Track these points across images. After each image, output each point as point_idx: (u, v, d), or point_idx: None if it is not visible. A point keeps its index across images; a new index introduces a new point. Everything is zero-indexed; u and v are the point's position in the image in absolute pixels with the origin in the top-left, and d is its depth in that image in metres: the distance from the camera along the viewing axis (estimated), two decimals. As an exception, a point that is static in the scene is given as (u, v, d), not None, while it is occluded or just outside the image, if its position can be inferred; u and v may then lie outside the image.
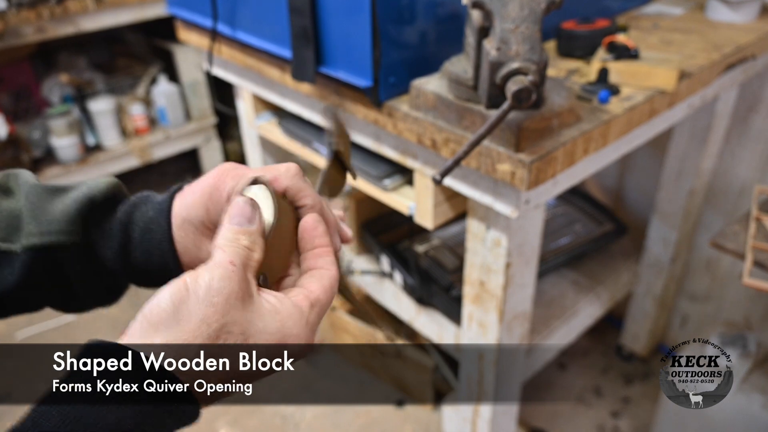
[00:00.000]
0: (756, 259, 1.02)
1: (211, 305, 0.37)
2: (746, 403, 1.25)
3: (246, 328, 0.38)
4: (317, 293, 0.42)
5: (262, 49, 1.12)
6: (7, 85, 2.37)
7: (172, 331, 0.36)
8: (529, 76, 0.70)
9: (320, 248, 0.45)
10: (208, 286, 0.37)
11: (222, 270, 0.38)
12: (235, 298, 0.37)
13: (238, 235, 0.41)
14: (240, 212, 0.42)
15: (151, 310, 0.37)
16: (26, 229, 0.47)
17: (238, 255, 0.39)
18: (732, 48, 1.10)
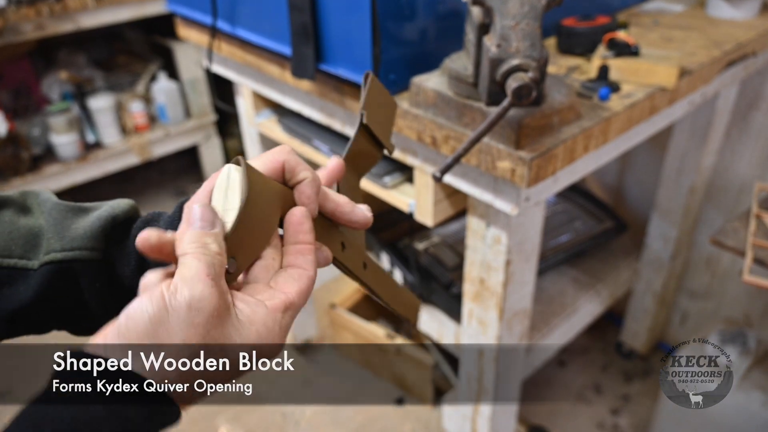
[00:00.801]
0: (756, 256, 1.02)
1: (192, 326, 0.36)
2: (746, 400, 1.25)
3: (225, 344, 0.38)
4: (292, 297, 0.42)
5: (262, 46, 1.12)
6: (6, 83, 2.36)
7: (148, 353, 0.36)
8: (530, 73, 0.70)
9: (303, 245, 0.44)
10: (188, 305, 0.36)
11: (202, 285, 0.37)
12: (215, 317, 0.37)
13: (205, 238, 0.39)
14: (201, 216, 0.40)
15: (128, 325, 0.36)
16: (47, 246, 0.47)
17: (212, 265, 0.38)
18: (732, 45, 1.09)
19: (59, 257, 0.46)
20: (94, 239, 0.48)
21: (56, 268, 0.46)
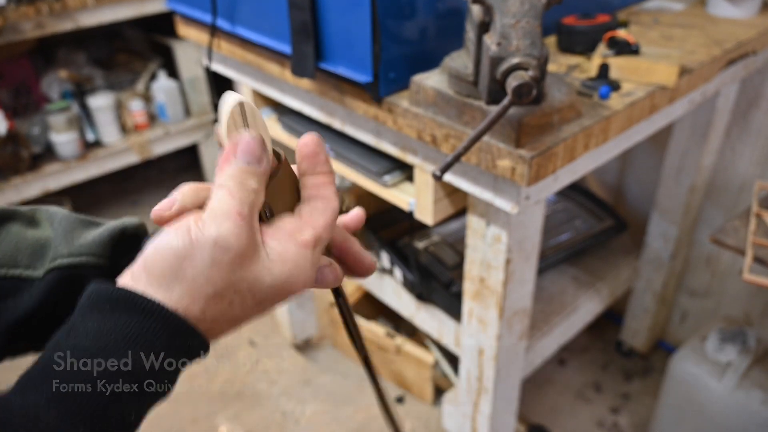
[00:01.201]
0: (756, 255, 1.02)
1: (216, 264, 0.35)
2: (746, 399, 1.25)
3: (253, 284, 0.36)
4: (320, 230, 0.40)
5: (262, 44, 1.12)
6: (6, 81, 2.36)
7: (173, 287, 0.35)
8: (530, 72, 0.70)
9: (322, 175, 0.42)
10: (214, 242, 0.35)
11: (231, 223, 0.35)
12: (241, 257, 0.35)
13: (246, 175, 0.37)
14: (248, 149, 0.38)
15: (154, 260, 0.35)
16: (54, 253, 0.45)
17: (246, 203, 0.36)
18: (733, 43, 1.09)
19: (65, 263, 0.45)
20: (101, 246, 0.47)
21: (61, 275, 0.45)
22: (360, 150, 1.14)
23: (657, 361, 1.82)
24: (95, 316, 0.34)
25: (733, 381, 1.27)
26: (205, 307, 0.35)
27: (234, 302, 0.36)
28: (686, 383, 1.35)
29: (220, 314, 0.36)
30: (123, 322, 0.33)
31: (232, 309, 0.36)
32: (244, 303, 0.37)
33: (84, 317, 0.34)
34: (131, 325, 0.33)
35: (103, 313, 0.34)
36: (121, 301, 0.34)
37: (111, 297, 0.34)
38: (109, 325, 0.33)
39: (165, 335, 0.34)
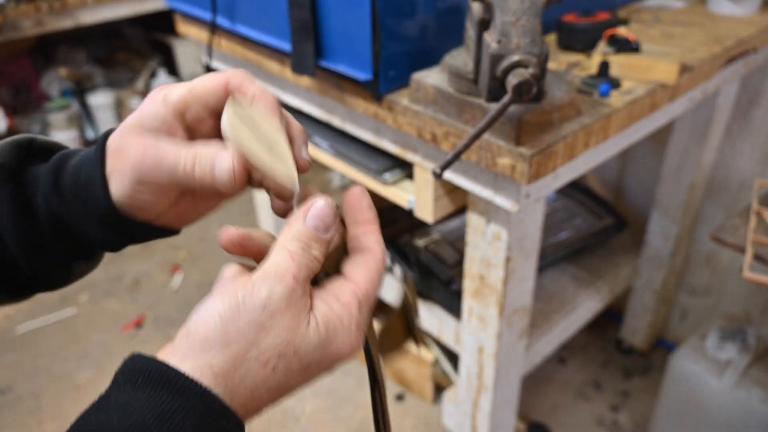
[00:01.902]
0: (756, 253, 1.02)
1: (263, 328, 0.33)
2: (745, 397, 1.25)
3: (299, 347, 0.34)
4: (365, 287, 0.38)
5: (262, 42, 1.12)
6: (6, 79, 2.36)
7: (218, 353, 0.33)
8: (530, 69, 0.70)
9: (363, 224, 0.40)
10: (264, 306, 0.33)
11: (283, 287, 0.34)
12: (290, 320, 0.34)
13: (311, 242, 0.36)
14: (321, 215, 0.37)
15: (197, 326, 0.33)
16: None
17: (305, 268, 0.35)
18: (733, 41, 1.09)
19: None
20: (1, 150, 0.44)
21: None
22: (360, 148, 1.14)
23: (657, 360, 1.82)
24: (128, 390, 0.32)
25: (733, 379, 1.27)
26: (246, 373, 0.33)
27: (278, 368, 0.34)
28: (686, 381, 1.36)
29: (263, 381, 0.34)
30: (154, 398, 0.31)
31: (275, 376, 0.34)
32: (289, 369, 0.34)
33: (117, 390, 0.32)
34: (162, 402, 0.31)
35: (135, 387, 0.32)
36: (154, 374, 0.32)
37: (144, 369, 0.32)
38: (141, 401, 0.31)
39: (196, 415, 0.31)
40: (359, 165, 1.12)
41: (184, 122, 0.42)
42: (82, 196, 0.42)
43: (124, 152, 0.41)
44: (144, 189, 0.41)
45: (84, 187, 0.42)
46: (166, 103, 0.41)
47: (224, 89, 0.41)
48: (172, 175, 0.40)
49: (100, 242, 0.45)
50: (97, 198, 0.42)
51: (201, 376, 0.32)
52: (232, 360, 0.33)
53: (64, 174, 0.43)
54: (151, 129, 0.41)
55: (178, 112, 0.42)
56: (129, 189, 0.41)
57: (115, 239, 0.45)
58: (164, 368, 0.32)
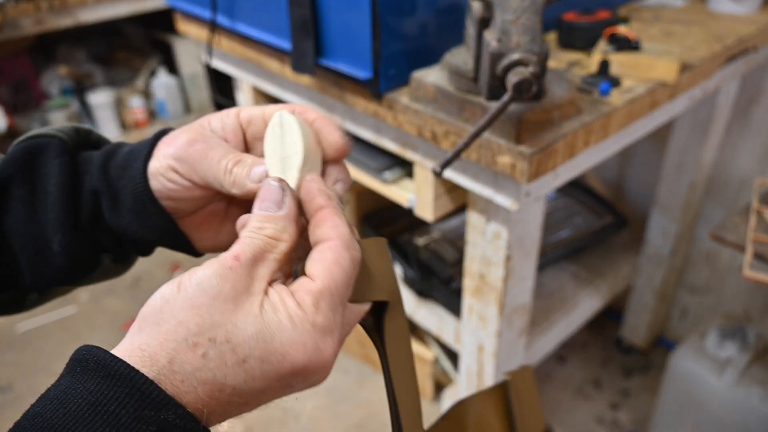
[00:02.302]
0: (756, 252, 1.02)
1: (194, 307, 0.31)
2: (745, 395, 1.25)
3: (232, 332, 0.31)
4: (321, 281, 0.34)
5: (262, 40, 1.12)
6: (6, 78, 2.36)
7: (150, 331, 0.31)
8: (530, 68, 0.70)
9: (320, 211, 0.37)
10: (198, 285, 0.31)
11: (219, 266, 0.32)
12: (225, 300, 0.31)
13: (262, 222, 0.35)
14: (267, 195, 0.36)
15: (144, 307, 0.32)
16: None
17: (251, 247, 0.33)
18: (733, 39, 1.09)
19: (22, 138, 0.45)
20: (63, 127, 0.46)
21: (22, 148, 0.44)
22: (360, 146, 1.14)
23: (656, 358, 1.82)
24: (66, 380, 0.30)
25: (733, 377, 1.27)
26: (174, 355, 0.30)
27: (209, 355, 0.30)
28: (686, 380, 1.36)
29: (193, 370, 0.30)
30: (88, 386, 0.29)
31: (206, 364, 0.30)
32: (221, 358, 0.30)
33: (59, 381, 0.31)
34: (96, 390, 0.29)
35: (73, 376, 0.30)
36: (91, 360, 0.30)
37: (83, 358, 0.30)
38: (77, 390, 0.29)
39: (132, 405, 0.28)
40: (359, 163, 1.12)
41: (245, 135, 0.44)
42: (124, 175, 0.44)
43: (178, 133, 0.43)
44: (179, 169, 0.42)
45: (129, 165, 0.44)
46: (236, 115, 0.44)
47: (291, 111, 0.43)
48: (212, 165, 0.41)
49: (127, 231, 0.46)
50: (134, 170, 0.43)
51: (130, 354, 0.30)
52: (159, 339, 0.30)
53: (115, 157, 0.45)
54: (213, 129, 0.44)
55: (243, 125, 0.44)
56: (165, 165, 0.42)
57: (139, 225, 0.45)
58: (100, 353, 0.30)
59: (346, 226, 0.36)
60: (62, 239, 0.44)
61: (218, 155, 0.41)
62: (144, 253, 0.50)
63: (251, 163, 0.40)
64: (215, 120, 0.44)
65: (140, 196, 0.43)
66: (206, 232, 0.47)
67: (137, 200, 0.44)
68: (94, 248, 0.47)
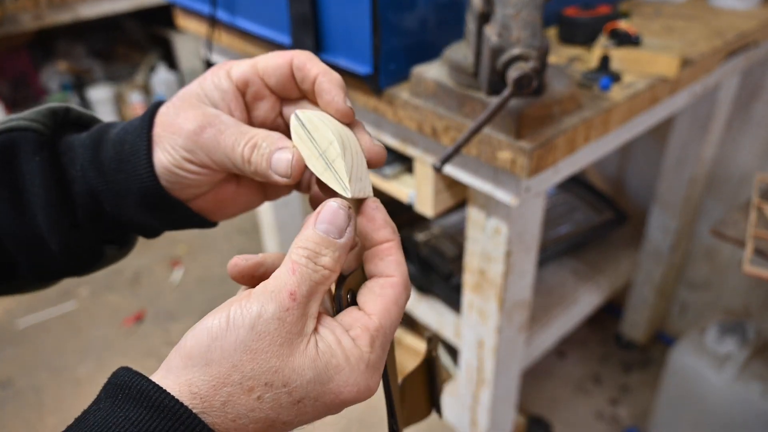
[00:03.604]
0: (756, 247, 1.02)
1: (248, 351, 0.30)
2: (745, 391, 1.25)
3: (289, 378, 0.30)
4: (380, 320, 0.33)
5: (262, 35, 1.12)
6: (5, 73, 2.36)
7: (199, 372, 0.30)
8: (530, 63, 0.70)
9: (383, 245, 0.35)
10: (252, 326, 0.30)
11: (276, 306, 0.30)
12: (282, 345, 0.30)
13: (321, 248, 0.32)
14: (331, 218, 0.33)
15: (186, 342, 0.31)
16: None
17: (307, 282, 0.31)
18: (734, 35, 1.09)
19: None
20: (38, 114, 0.42)
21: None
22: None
23: (656, 353, 1.82)
24: (106, 406, 0.30)
25: (732, 373, 1.27)
26: (228, 399, 0.30)
27: (264, 398, 0.30)
28: (685, 375, 1.36)
29: (247, 411, 0.30)
30: (133, 416, 0.29)
31: (261, 406, 0.30)
32: (277, 401, 0.30)
33: (98, 404, 0.30)
34: (140, 420, 0.29)
35: (114, 403, 0.30)
36: (134, 390, 0.29)
37: (125, 384, 0.30)
38: (118, 418, 0.29)
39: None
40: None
41: (244, 99, 0.41)
42: (123, 169, 0.41)
43: (180, 119, 0.39)
44: (194, 159, 0.39)
45: (126, 159, 0.41)
46: (229, 77, 0.40)
47: (289, 67, 0.39)
48: (228, 153, 0.38)
49: (135, 224, 0.44)
50: (138, 169, 0.40)
51: (180, 393, 0.30)
52: (212, 382, 0.30)
53: (105, 145, 0.42)
54: (213, 101, 0.40)
55: (240, 88, 0.40)
56: (179, 158, 0.39)
57: (150, 218, 0.43)
58: (145, 383, 0.30)
59: (406, 264, 0.36)
60: (60, 240, 0.42)
61: (231, 141, 0.38)
62: (152, 236, 0.47)
63: (270, 146, 0.38)
64: (210, 88, 0.40)
65: (150, 194, 0.41)
66: (221, 205, 0.44)
67: (147, 198, 0.41)
68: (96, 242, 0.45)
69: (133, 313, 2.03)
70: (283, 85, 0.40)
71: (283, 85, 0.40)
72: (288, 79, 0.40)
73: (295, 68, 0.39)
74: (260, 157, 0.37)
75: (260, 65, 0.40)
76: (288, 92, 0.41)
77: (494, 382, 1.19)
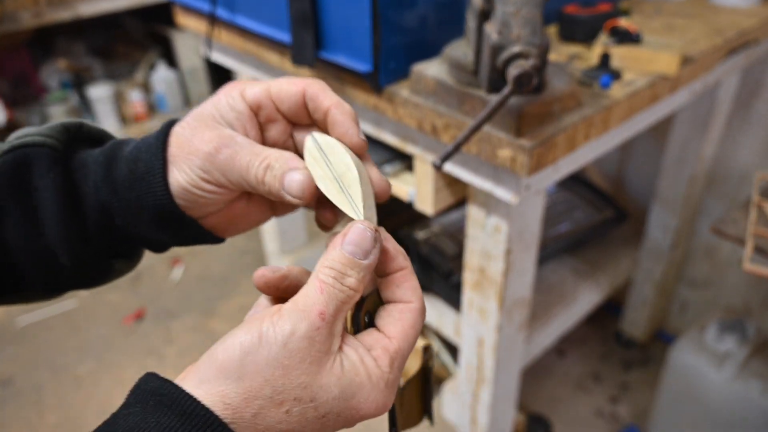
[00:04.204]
0: (756, 245, 1.02)
1: (281, 367, 0.32)
2: (744, 389, 1.25)
3: (317, 394, 0.32)
4: (399, 343, 0.35)
5: (261, 33, 1.12)
6: (5, 72, 2.36)
7: (232, 384, 0.32)
8: (531, 60, 0.69)
9: (398, 272, 0.37)
10: (284, 344, 0.32)
11: (308, 325, 0.32)
12: (310, 362, 0.32)
13: (347, 269, 0.34)
14: (358, 239, 0.35)
15: (216, 353, 0.32)
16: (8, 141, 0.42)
17: (334, 302, 0.33)
18: (735, 33, 1.09)
19: (7, 147, 0.41)
20: (51, 129, 0.43)
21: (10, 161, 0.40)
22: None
23: (656, 351, 1.82)
24: (137, 411, 0.31)
25: (732, 371, 1.27)
26: (259, 411, 0.32)
27: (292, 412, 0.32)
28: (685, 373, 1.36)
29: (275, 422, 0.32)
30: (164, 422, 0.30)
31: (288, 419, 0.32)
32: (304, 415, 0.32)
33: (128, 409, 0.31)
34: (171, 427, 0.30)
35: (145, 409, 0.31)
36: (166, 397, 0.31)
37: (156, 391, 0.31)
38: (150, 423, 0.30)
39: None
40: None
41: (257, 120, 0.42)
42: (137, 187, 0.41)
43: (197, 140, 0.40)
44: (210, 179, 0.40)
45: (141, 177, 0.41)
46: (243, 99, 0.41)
47: (301, 96, 0.41)
48: (242, 173, 0.39)
49: (146, 239, 0.44)
50: (153, 187, 0.41)
51: (212, 404, 0.31)
52: (245, 394, 0.31)
53: (118, 163, 0.42)
54: (228, 122, 0.41)
55: (254, 109, 0.41)
56: (195, 178, 0.40)
57: (162, 234, 0.44)
58: (177, 392, 0.31)
59: (420, 288, 0.38)
60: (71, 255, 0.42)
61: (245, 161, 0.39)
62: (161, 251, 0.48)
63: (279, 168, 0.39)
64: (226, 109, 0.41)
65: (165, 212, 0.41)
66: (232, 221, 0.45)
67: (161, 216, 0.42)
68: (105, 257, 0.45)
69: (133, 312, 2.03)
70: (294, 112, 0.41)
71: (294, 112, 0.41)
72: (300, 107, 0.41)
73: (307, 98, 0.40)
74: (273, 178, 0.39)
75: (273, 90, 0.41)
76: (299, 119, 0.42)
77: (494, 381, 1.19)
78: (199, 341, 1.90)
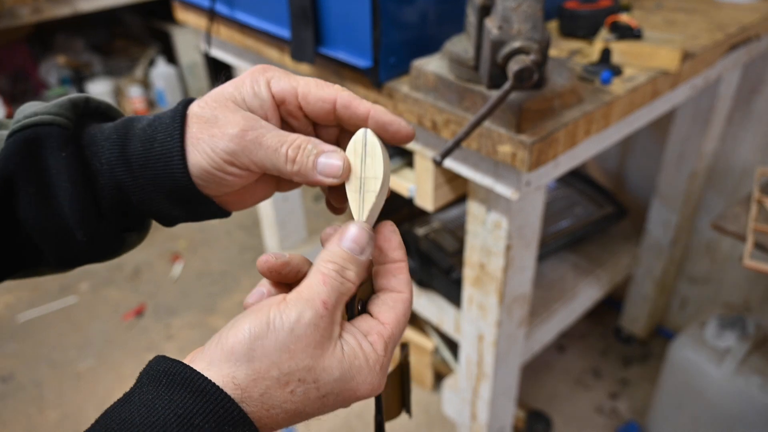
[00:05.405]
0: (757, 241, 1.02)
1: (287, 351, 0.34)
2: (744, 385, 1.26)
3: (320, 375, 0.35)
4: (391, 327, 0.39)
5: (261, 29, 1.11)
6: (4, 67, 2.35)
7: (242, 367, 0.34)
8: (531, 56, 0.69)
9: (396, 264, 0.41)
10: (291, 330, 0.34)
11: (312, 313, 0.35)
12: (314, 347, 0.35)
13: (346, 263, 0.37)
14: (355, 237, 0.38)
15: (227, 338, 0.35)
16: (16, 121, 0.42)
17: (335, 293, 0.36)
18: (736, 28, 1.08)
19: (17, 126, 0.41)
20: (59, 107, 0.42)
21: (21, 140, 0.40)
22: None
23: (656, 348, 1.82)
24: (151, 390, 0.33)
25: (732, 367, 1.27)
26: (266, 391, 0.34)
27: (296, 392, 0.35)
28: (685, 369, 1.36)
29: (281, 402, 0.35)
30: (177, 399, 0.33)
31: (293, 398, 0.35)
32: (306, 395, 0.35)
33: (141, 388, 0.34)
34: (184, 404, 0.32)
35: (158, 387, 0.33)
36: (179, 376, 0.33)
37: (169, 371, 0.34)
38: (163, 401, 0.33)
39: (215, 420, 0.33)
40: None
41: (280, 111, 0.43)
42: (153, 166, 0.41)
43: (220, 123, 0.40)
44: (235, 162, 0.40)
45: (157, 157, 0.41)
46: (269, 88, 0.42)
47: (332, 104, 0.41)
48: (270, 154, 0.40)
49: (159, 214, 0.45)
50: (172, 168, 0.41)
51: (223, 384, 0.33)
52: (253, 375, 0.34)
53: (132, 141, 0.42)
54: (250, 107, 0.41)
55: (277, 101, 0.42)
56: (218, 160, 0.40)
57: (176, 210, 0.44)
58: (189, 371, 0.33)
59: (412, 286, 0.41)
60: (86, 231, 0.43)
61: (274, 142, 0.40)
62: (171, 224, 0.48)
63: (314, 148, 0.40)
64: (250, 94, 0.41)
65: (183, 191, 0.42)
66: (241, 197, 0.46)
67: (178, 194, 0.42)
68: (118, 231, 0.46)
69: (133, 308, 2.03)
70: (318, 114, 0.42)
71: (318, 114, 0.42)
72: (328, 113, 0.42)
73: (340, 107, 0.41)
74: (306, 158, 0.40)
75: (301, 90, 0.42)
76: (322, 120, 0.43)
77: (494, 376, 1.19)
78: (199, 337, 1.90)
